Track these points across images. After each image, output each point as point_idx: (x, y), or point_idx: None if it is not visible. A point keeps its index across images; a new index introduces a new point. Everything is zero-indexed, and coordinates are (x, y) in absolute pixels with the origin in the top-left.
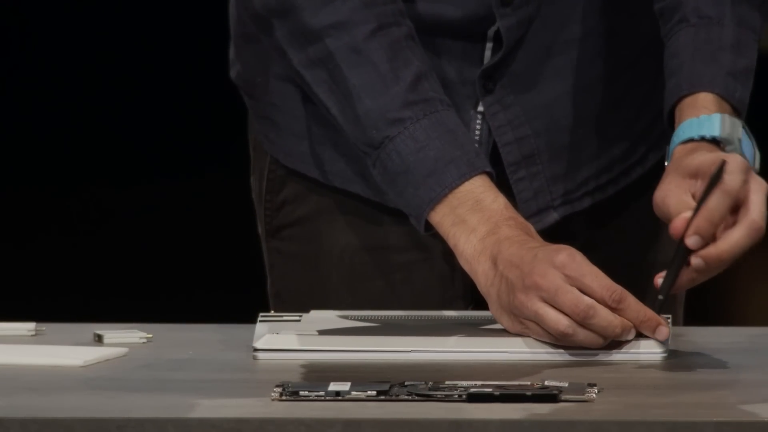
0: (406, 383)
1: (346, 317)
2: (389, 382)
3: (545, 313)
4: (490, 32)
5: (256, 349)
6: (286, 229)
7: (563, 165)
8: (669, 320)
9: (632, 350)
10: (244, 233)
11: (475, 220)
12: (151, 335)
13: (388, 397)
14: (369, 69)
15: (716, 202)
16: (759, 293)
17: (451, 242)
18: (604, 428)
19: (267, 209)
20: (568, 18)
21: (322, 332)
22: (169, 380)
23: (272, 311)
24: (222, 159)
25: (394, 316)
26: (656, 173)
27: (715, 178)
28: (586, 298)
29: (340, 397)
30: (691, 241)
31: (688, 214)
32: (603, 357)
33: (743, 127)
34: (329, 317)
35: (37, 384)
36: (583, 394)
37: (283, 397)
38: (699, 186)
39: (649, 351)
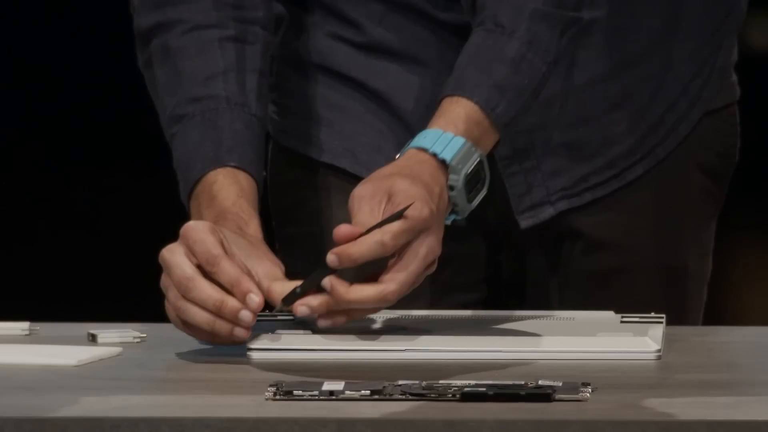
0: (400, 383)
1: None
2: (383, 381)
3: (166, 288)
4: None
5: (249, 349)
6: (289, 212)
7: (561, 161)
8: (663, 320)
9: (626, 350)
10: None
11: (205, 216)
12: (144, 335)
13: (382, 397)
14: (171, 66)
15: (368, 247)
16: (753, 293)
17: None
18: (597, 428)
19: (273, 196)
20: None
21: (316, 331)
22: (163, 380)
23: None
24: None
25: (388, 316)
26: (665, 168)
27: (393, 218)
28: (188, 272)
29: (333, 397)
30: (330, 258)
31: (354, 228)
32: (597, 356)
33: (480, 160)
34: None
35: (30, 383)
36: (577, 394)
37: (277, 397)
38: (384, 212)
39: (642, 350)
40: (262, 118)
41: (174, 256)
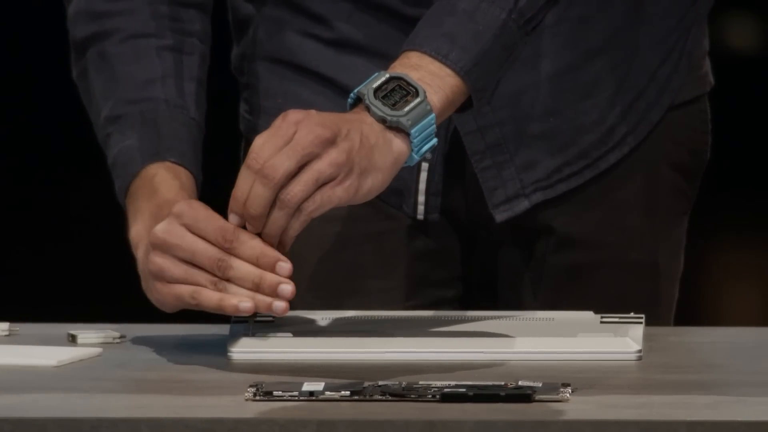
0: (379, 383)
1: (318, 317)
2: (363, 382)
3: (166, 271)
4: None
5: (230, 351)
6: None
7: (534, 153)
8: (642, 320)
9: (607, 350)
10: None
11: (145, 207)
12: (125, 335)
13: (361, 397)
14: (108, 72)
15: (240, 178)
16: (733, 293)
17: (130, 232)
18: (577, 428)
19: None
20: None
21: (296, 333)
22: (143, 380)
23: None
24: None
25: (368, 317)
26: (636, 165)
27: None
28: (216, 250)
29: (313, 398)
30: (230, 218)
31: None
32: (577, 357)
33: (393, 77)
34: (302, 317)
35: (10, 384)
36: (557, 395)
37: (257, 398)
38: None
39: (623, 351)
40: (200, 123)
41: (180, 233)
